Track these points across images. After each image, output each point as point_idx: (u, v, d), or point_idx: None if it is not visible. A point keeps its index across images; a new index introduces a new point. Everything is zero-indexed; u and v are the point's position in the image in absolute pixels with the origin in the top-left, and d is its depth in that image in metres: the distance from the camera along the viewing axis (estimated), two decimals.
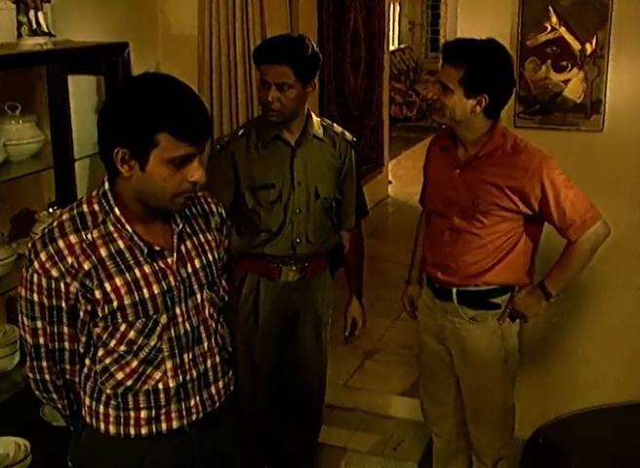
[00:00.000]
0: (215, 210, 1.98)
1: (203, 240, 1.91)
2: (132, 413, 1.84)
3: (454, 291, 2.63)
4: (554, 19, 2.94)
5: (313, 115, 2.74)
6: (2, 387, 2.73)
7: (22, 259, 2.85)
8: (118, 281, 1.75)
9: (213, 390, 1.94)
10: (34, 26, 2.76)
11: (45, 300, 1.76)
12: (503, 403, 2.75)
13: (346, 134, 2.84)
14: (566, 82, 3.00)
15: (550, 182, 2.44)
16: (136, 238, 1.77)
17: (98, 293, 1.74)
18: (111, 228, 1.76)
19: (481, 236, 2.53)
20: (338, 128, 2.82)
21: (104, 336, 1.80)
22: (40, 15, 2.78)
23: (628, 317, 3.17)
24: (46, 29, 2.81)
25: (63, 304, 1.77)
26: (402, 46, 11.87)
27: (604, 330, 3.21)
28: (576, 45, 2.94)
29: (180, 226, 1.84)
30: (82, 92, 3.21)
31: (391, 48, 9.70)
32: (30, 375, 1.89)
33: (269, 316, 2.79)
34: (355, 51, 6.21)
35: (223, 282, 1.99)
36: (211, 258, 1.91)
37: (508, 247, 2.55)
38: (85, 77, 3.18)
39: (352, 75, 6.21)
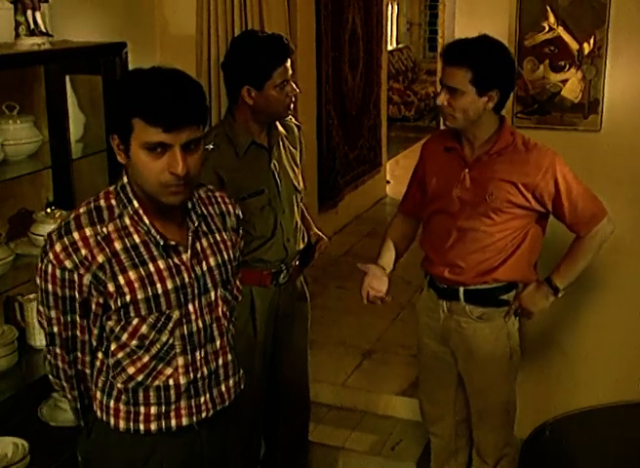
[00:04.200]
0: (232, 211, 2.00)
1: (219, 239, 1.92)
2: (142, 409, 1.86)
3: (461, 290, 2.63)
4: (552, 19, 2.94)
5: None
6: (0, 387, 2.73)
7: (20, 259, 2.87)
8: (132, 275, 1.77)
9: (223, 388, 1.94)
10: (32, 26, 2.76)
11: (58, 291, 1.78)
12: (508, 400, 2.76)
13: (292, 119, 2.88)
14: (564, 82, 3.00)
15: (563, 179, 2.48)
16: (152, 231, 1.79)
17: (110, 287, 1.76)
18: (128, 222, 1.79)
19: (491, 233, 2.54)
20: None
21: (117, 330, 1.81)
22: (38, 15, 2.78)
23: (628, 316, 3.17)
24: (44, 29, 2.81)
25: (77, 295, 1.79)
26: (400, 46, 11.86)
27: (603, 329, 3.21)
28: (573, 45, 2.95)
29: (196, 224, 1.86)
30: (80, 92, 3.21)
31: (389, 48, 9.69)
32: (48, 357, 1.92)
33: (266, 322, 2.79)
34: (353, 51, 6.21)
35: (237, 281, 2.00)
36: (226, 257, 1.92)
37: (516, 243, 2.56)
38: (83, 77, 3.18)
39: (350, 75, 6.20)
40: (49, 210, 2.97)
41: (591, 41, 2.92)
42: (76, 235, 1.75)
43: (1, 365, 2.76)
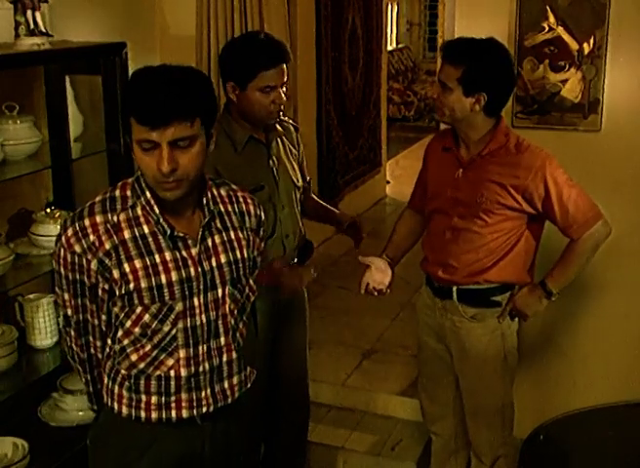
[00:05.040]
0: (252, 211, 2.01)
1: (233, 237, 1.93)
2: (143, 397, 1.88)
3: (454, 289, 2.63)
4: (552, 19, 2.94)
5: None
6: (0, 387, 2.73)
7: (21, 259, 2.87)
8: (137, 263, 1.80)
9: (226, 385, 1.95)
10: (32, 26, 2.76)
11: (69, 274, 1.85)
12: (502, 401, 2.75)
13: (290, 120, 2.89)
14: (564, 82, 3.00)
15: (553, 181, 2.46)
16: (161, 220, 1.82)
17: (115, 273, 1.80)
18: (139, 212, 1.83)
19: (483, 234, 2.54)
20: (283, 116, 2.82)
21: (121, 316, 1.85)
22: (38, 14, 2.77)
23: (627, 316, 3.17)
24: (43, 29, 2.80)
25: (86, 279, 1.84)
26: (400, 46, 11.87)
27: (602, 329, 3.22)
28: (573, 45, 2.95)
29: (207, 219, 1.87)
30: (80, 92, 3.21)
31: (389, 48, 9.70)
32: (65, 338, 1.98)
33: (267, 321, 2.79)
34: (353, 51, 6.21)
35: (251, 281, 2.00)
36: (239, 256, 1.93)
37: (510, 245, 2.56)
38: (83, 77, 3.18)
39: (350, 75, 6.21)
40: (49, 210, 2.97)
41: (591, 41, 2.92)
42: (87, 221, 1.81)
43: (1, 365, 2.76)
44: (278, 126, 2.77)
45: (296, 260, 2.84)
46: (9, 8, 2.75)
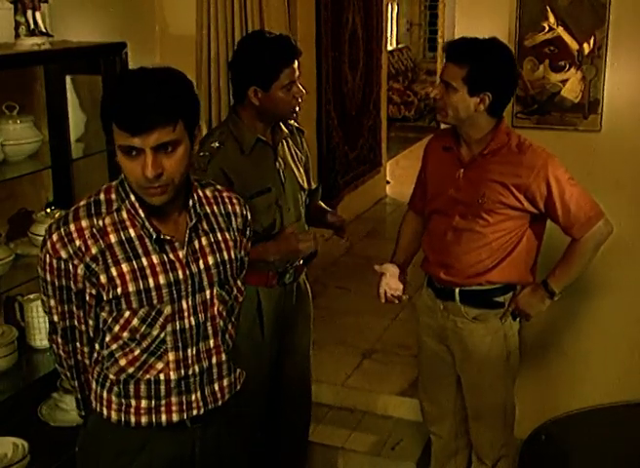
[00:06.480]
0: (238, 211, 1.99)
1: (220, 238, 1.92)
2: (133, 402, 1.87)
3: (456, 290, 2.63)
4: (552, 19, 2.94)
5: None
6: (0, 387, 2.73)
7: (21, 259, 2.87)
8: (124, 267, 1.79)
9: (216, 387, 1.94)
10: (32, 26, 2.76)
11: (55, 280, 1.82)
12: (505, 401, 2.75)
13: (295, 123, 2.88)
14: (564, 82, 3.00)
15: (556, 181, 2.46)
16: (147, 224, 1.80)
17: (103, 278, 1.79)
18: (125, 215, 1.81)
19: (485, 234, 2.54)
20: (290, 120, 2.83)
21: (109, 321, 1.84)
22: (38, 15, 2.78)
23: (628, 315, 3.17)
24: (44, 29, 2.81)
25: (72, 285, 1.82)
26: (400, 46, 11.87)
27: (603, 329, 3.21)
28: (573, 45, 2.95)
29: (194, 221, 1.86)
30: (80, 92, 3.21)
31: (389, 48, 9.69)
32: (52, 345, 1.96)
33: (273, 323, 2.79)
34: (353, 51, 6.21)
35: (239, 282, 1.99)
36: (226, 257, 1.92)
37: (512, 245, 2.56)
38: (83, 77, 3.18)
39: (350, 75, 6.20)
40: (49, 210, 2.97)
41: (591, 41, 2.92)
42: (72, 226, 1.79)
43: (1, 365, 2.76)
44: (284, 127, 2.76)
45: (301, 262, 2.84)
46: (9, 8, 2.76)
